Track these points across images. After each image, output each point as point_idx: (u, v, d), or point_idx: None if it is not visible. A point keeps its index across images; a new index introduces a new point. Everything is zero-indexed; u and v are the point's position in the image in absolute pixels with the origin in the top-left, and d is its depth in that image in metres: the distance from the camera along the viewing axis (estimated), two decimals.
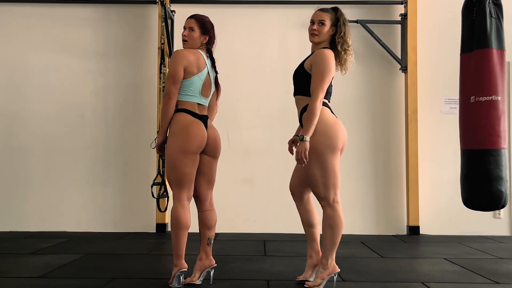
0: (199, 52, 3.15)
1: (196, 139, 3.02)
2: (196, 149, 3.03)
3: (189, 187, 3.09)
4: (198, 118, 3.06)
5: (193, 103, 3.09)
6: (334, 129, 2.94)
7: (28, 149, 5.61)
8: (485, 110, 3.26)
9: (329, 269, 2.99)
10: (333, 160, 2.93)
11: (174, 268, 3.04)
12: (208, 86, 3.16)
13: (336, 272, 3.00)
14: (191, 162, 3.04)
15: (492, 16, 3.33)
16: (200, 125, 3.06)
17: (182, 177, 3.04)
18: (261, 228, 5.42)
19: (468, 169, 3.34)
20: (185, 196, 3.06)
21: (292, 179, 3.24)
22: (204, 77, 3.11)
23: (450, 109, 5.57)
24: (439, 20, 5.63)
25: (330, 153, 2.92)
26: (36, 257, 4.03)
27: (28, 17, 5.72)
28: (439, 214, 5.50)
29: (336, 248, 3.00)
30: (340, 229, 2.97)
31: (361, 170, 5.59)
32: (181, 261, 3.03)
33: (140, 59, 5.68)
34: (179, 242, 3.03)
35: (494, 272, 3.56)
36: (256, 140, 5.61)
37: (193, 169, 3.07)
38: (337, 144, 2.93)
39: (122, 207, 5.59)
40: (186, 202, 3.07)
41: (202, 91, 3.12)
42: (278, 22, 5.73)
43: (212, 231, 3.18)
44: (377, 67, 5.68)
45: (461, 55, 3.45)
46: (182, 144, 3.00)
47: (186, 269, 3.04)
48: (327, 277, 2.97)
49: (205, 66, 3.13)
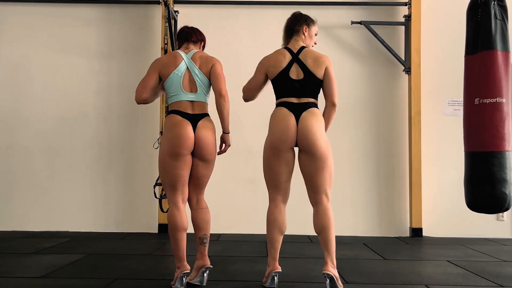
0: (178, 51, 3.21)
1: (180, 140, 3.00)
2: (181, 150, 3.01)
3: (182, 189, 3.09)
4: (186, 118, 3.05)
5: (180, 102, 3.09)
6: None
7: (31, 149, 5.62)
8: (489, 112, 3.24)
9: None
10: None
11: (177, 270, 3.04)
12: (191, 79, 3.13)
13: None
14: (180, 164, 3.03)
15: (497, 17, 3.31)
16: (185, 126, 3.03)
17: (173, 180, 3.05)
18: (264, 229, 5.37)
19: (472, 172, 3.33)
20: (179, 199, 3.08)
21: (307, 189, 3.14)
22: (183, 72, 3.12)
23: (454, 111, 5.56)
24: (443, 22, 5.62)
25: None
26: (38, 257, 4.03)
27: (31, 16, 5.73)
28: (442, 216, 5.48)
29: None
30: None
31: (364, 171, 5.58)
32: (183, 263, 3.03)
33: (143, 59, 5.66)
34: (178, 244, 3.04)
35: (498, 275, 3.54)
36: (260, 141, 5.52)
37: (184, 171, 3.06)
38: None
39: (124, 207, 5.58)
40: (181, 205, 3.08)
41: (183, 86, 3.11)
42: (281, 22, 5.68)
43: (202, 230, 3.14)
44: (381, 69, 5.67)
45: (465, 57, 3.43)
46: (168, 146, 3.03)
47: (188, 270, 3.04)
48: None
49: (181, 61, 3.14)
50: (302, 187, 3.84)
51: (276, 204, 3.10)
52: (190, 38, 3.30)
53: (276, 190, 3.10)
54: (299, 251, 4.44)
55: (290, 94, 3.05)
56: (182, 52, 3.21)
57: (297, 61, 3.07)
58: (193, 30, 3.34)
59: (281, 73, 3.07)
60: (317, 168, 2.98)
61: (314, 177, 3.00)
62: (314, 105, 3.07)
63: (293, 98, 3.05)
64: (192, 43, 3.30)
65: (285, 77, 3.06)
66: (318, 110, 3.06)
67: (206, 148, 3.08)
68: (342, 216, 5.17)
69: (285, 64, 3.08)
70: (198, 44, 3.34)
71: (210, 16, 5.64)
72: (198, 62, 3.16)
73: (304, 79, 3.04)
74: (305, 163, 3.01)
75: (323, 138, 2.98)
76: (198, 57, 3.19)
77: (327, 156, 2.98)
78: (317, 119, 3.00)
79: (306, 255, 4.27)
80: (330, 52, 5.13)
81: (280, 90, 3.10)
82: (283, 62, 3.09)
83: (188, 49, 3.26)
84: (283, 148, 3.01)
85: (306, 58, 3.07)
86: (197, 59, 3.18)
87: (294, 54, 3.10)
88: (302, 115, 3.00)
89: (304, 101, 3.05)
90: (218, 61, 3.23)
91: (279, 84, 3.09)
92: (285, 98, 3.07)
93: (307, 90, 3.05)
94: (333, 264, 2.97)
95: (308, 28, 3.24)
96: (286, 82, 3.06)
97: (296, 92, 3.05)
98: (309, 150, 2.97)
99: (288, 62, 3.08)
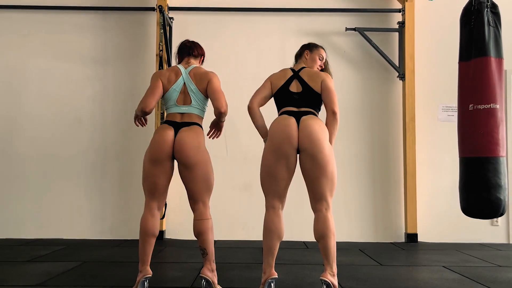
0: (178, 66, 3.27)
1: (157, 145, 3.04)
2: (159, 154, 3.03)
3: (159, 197, 3.13)
4: (171, 125, 3.11)
5: (172, 114, 3.18)
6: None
7: (25, 155, 5.59)
8: (483, 118, 3.26)
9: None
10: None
11: (139, 274, 3.06)
12: (186, 93, 3.18)
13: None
14: (158, 171, 3.06)
15: (490, 24, 3.34)
16: (165, 130, 3.08)
17: (150, 186, 3.09)
18: (259, 235, 5.33)
19: (466, 177, 3.34)
20: (154, 205, 3.12)
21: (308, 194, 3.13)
22: (180, 88, 3.18)
23: (448, 116, 5.60)
24: (436, 28, 5.67)
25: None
26: (34, 264, 4.01)
27: (26, 23, 5.72)
28: (437, 222, 5.50)
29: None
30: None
31: (359, 177, 5.59)
32: (146, 267, 3.06)
33: (138, 65, 5.69)
34: (145, 248, 3.07)
35: (494, 280, 3.56)
36: (255, 147, 5.56)
37: (161, 179, 3.08)
38: None
39: (119, 214, 5.56)
40: (155, 211, 3.12)
41: (178, 100, 3.17)
42: (277, 29, 5.75)
43: (199, 240, 3.12)
44: (375, 75, 5.70)
45: (459, 63, 3.45)
46: (148, 151, 3.09)
47: (150, 275, 3.06)
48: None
49: (180, 76, 3.20)
50: (298, 192, 3.86)
51: (275, 211, 3.09)
52: (191, 53, 3.37)
53: (276, 197, 3.09)
54: (295, 257, 4.44)
55: (290, 104, 3.16)
56: (182, 67, 3.27)
57: (297, 78, 3.23)
58: (194, 44, 3.40)
59: (282, 87, 3.21)
60: (319, 173, 2.96)
61: (314, 182, 3.00)
62: (314, 114, 3.14)
63: (292, 107, 3.14)
64: (193, 58, 3.37)
65: (285, 91, 3.20)
66: (318, 117, 3.10)
67: (183, 150, 3.03)
68: (337, 222, 5.07)
69: (286, 79, 3.23)
70: (198, 59, 3.41)
71: (205, 23, 5.67)
72: (194, 79, 3.21)
73: (303, 92, 3.17)
74: (307, 166, 3.00)
75: (326, 142, 3.00)
76: (195, 73, 3.23)
77: (328, 160, 2.97)
78: (318, 122, 3.04)
79: (302, 261, 4.27)
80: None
81: (281, 102, 3.23)
82: (285, 78, 3.25)
83: (188, 63, 3.32)
84: (285, 149, 3.00)
85: (304, 74, 3.23)
86: (194, 75, 3.22)
87: (295, 71, 3.27)
88: (302, 118, 3.05)
89: (303, 109, 3.13)
90: (215, 75, 3.25)
91: (280, 97, 3.22)
92: (285, 108, 3.17)
93: (305, 101, 3.15)
94: (332, 272, 2.96)
95: (310, 52, 3.39)
96: (286, 94, 3.19)
97: (295, 103, 3.15)
98: (311, 150, 2.96)
99: (288, 78, 3.24)
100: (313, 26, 5.71)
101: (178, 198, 5.09)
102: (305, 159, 3.01)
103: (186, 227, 5.34)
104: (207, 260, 3.11)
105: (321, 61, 3.41)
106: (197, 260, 4.15)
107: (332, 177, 3.02)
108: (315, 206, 3.05)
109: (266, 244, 3.10)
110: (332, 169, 3.01)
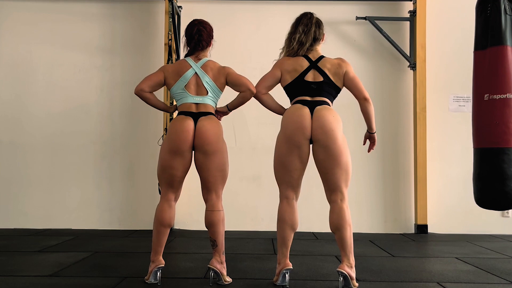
0: (186, 60, 3.18)
1: (177, 134, 3.01)
2: (180, 145, 3.00)
3: (177, 188, 3.12)
4: (189, 115, 3.06)
5: (185, 104, 3.11)
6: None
7: (33, 146, 5.58)
8: (499, 108, 3.21)
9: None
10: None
11: (151, 264, 3.07)
12: (199, 84, 3.11)
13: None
14: (177, 163, 3.04)
15: (507, 13, 3.28)
16: (185, 120, 3.04)
17: (168, 178, 3.07)
18: (268, 226, 5.37)
19: (481, 168, 3.30)
20: (172, 196, 3.12)
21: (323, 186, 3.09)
22: (188, 78, 3.11)
23: (459, 107, 5.54)
24: (448, 17, 5.60)
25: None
26: (45, 255, 4.00)
27: (33, 12, 5.67)
28: (447, 213, 5.47)
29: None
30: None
31: (369, 168, 5.55)
32: (158, 257, 3.07)
33: (146, 55, 5.64)
34: (159, 238, 3.08)
35: (509, 272, 3.52)
36: (264, 137, 5.57)
37: (180, 171, 3.06)
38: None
39: (128, 205, 5.56)
40: (172, 202, 3.12)
41: (189, 90, 3.11)
42: (286, 18, 5.64)
43: (210, 231, 3.09)
44: (386, 64, 5.64)
45: (474, 52, 3.39)
46: (167, 142, 3.06)
47: (163, 265, 3.07)
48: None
49: (189, 68, 3.12)
50: (306, 183, 3.80)
51: (289, 202, 3.06)
52: (199, 47, 3.20)
53: (289, 187, 3.06)
54: (306, 248, 4.42)
55: (305, 94, 3.07)
56: (191, 61, 3.17)
57: (315, 68, 3.09)
58: (201, 35, 3.19)
59: (298, 78, 3.09)
60: (333, 164, 2.94)
61: (329, 174, 2.97)
62: (328, 104, 3.07)
63: (307, 97, 3.06)
64: (202, 51, 3.22)
65: (300, 81, 3.09)
66: (332, 108, 3.05)
67: (205, 137, 3.02)
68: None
69: (302, 70, 3.09)
70: (206, 49, 3.26)
71: (213, 11, 5.60)
72: (210, 73, 3.14)
73: (322, 82, 3.07)
74: (320, 157, 2.97)
75: (339, 133, 2.96)
76: (211, 68, 3.16)
77: (342, 151, 2.94)
78: (332, 112, 3.00)
79: (313, 252, 4.24)
80: (335, 47, 5.12)
81: (294, 91, 3.11)
82: (301, 68, 3.10)
83: (198, 57, 3.20)
84: (297, 140, 2.96)
85: (324, 66, 3.09)
86: (209, 69, 3.15)
87: (312, 62, 3.11)
88: (316, 108, 3.00)
89: (318, 99, 3.05)
90: (229, 67, 3.23)
91: (294, 87, 3.10)
92: (299, 97, 3.08)
93: (322, 91, 3.07)
94: (349, 263, 2.94)
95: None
96: (301, 84, 3.08)
97: (311, 92, 3.06)
98: (325, 141, 2.93)
99: (306, 69, 3.09)
100: (323, 15, 5.54)
101: (188, 189, 5.05)
102: (318, 150, 2.97)
103: (195, 218, 5.37)
104: (216, 251, 3.09)
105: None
106: (207, 251, 4.12)
107: (347, 168, 2.99)
108: (330, 197, 3.02)
109: (280, 234, 3.08)
110: (346, 160, 2.98)
